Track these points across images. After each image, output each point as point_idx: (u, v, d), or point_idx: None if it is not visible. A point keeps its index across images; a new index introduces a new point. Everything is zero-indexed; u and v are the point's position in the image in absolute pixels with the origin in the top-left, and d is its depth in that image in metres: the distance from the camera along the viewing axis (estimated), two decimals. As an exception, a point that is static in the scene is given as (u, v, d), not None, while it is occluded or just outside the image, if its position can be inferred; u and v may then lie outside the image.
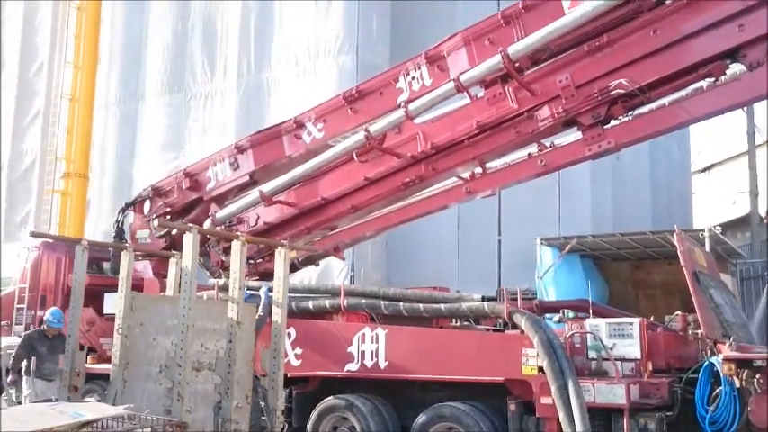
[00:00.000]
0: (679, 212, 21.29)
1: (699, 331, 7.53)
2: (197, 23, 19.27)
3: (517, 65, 6.99)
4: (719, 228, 17.95)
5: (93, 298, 9.13)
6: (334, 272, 15.13)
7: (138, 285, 7.87)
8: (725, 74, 6.52)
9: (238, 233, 5.26)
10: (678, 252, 6.93)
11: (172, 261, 6.38)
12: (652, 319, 7.59)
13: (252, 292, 7.12)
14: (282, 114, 16.62)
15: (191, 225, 5.08)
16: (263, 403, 5.57)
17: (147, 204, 10.10)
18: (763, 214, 8.36)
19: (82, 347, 6.16)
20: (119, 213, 10.37)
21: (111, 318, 10.61)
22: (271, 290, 6.18)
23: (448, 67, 7.49)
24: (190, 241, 4.73)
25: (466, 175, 7.95)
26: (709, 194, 28.92)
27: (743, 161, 23.13)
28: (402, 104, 7.48)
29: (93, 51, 20.17)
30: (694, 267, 7.01)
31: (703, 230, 11.65)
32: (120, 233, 10.21)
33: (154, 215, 9.87)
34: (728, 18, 6.22)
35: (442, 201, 8.20)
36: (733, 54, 6.31)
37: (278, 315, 5.33)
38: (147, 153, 19.74)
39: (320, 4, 16.44)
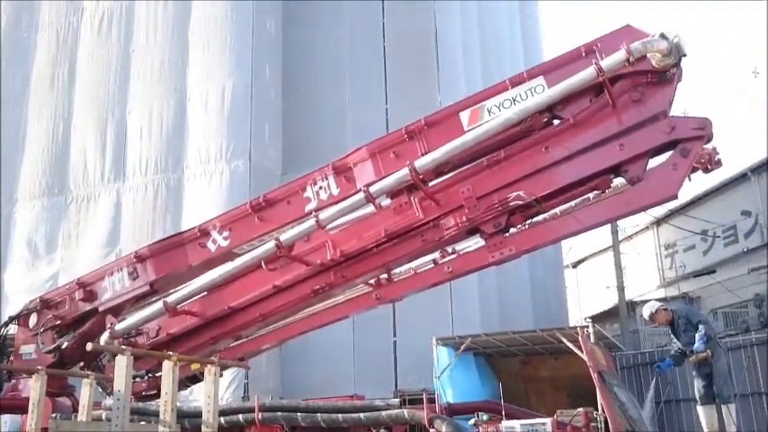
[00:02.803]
0: (556, 307, 22.48)
1: (597, 425, 8.01)
2: (78, 124, 18.84)
3: (421, 176, 7.39)
4: (590, 320, 19.08)
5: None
6: (225, 380, 14.70)
7: (22, 405, 7.34)
8: (610, 187, 7.22)
9: (170, 353, 5.11)
10: (584, 354, 7.38)
11: (85, 382, 6.04)
12: (556, 416, 7.93)
13: None
14: (173, 217, 16.46)
15: (124, 347, 4.88)
16: None
17: (33, 317, 9.51)
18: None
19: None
20: (1, 327, 9.71)
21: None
22: None
23: (354, 177, 7.79)
24: (123, 364, 4.54)
25: (374, 281, 8.14)
26: (578, 288, 30.84)
27: (607, 256, 24.97)
28: (313, 214, 7.63)
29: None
30: (599, 367, 7.47)
31: (587, 326, 12.38)
32: (1, 349, 9.53)
33: (41, 328, 9.31)
34: (610, 138, 6.92)
35: (353, 307, 8.30)
36: (616, 170, 7.00)
37: (208, 436, 5.17)
38: (18, 259, 18.64)
39: (211, 109, 16.61)
